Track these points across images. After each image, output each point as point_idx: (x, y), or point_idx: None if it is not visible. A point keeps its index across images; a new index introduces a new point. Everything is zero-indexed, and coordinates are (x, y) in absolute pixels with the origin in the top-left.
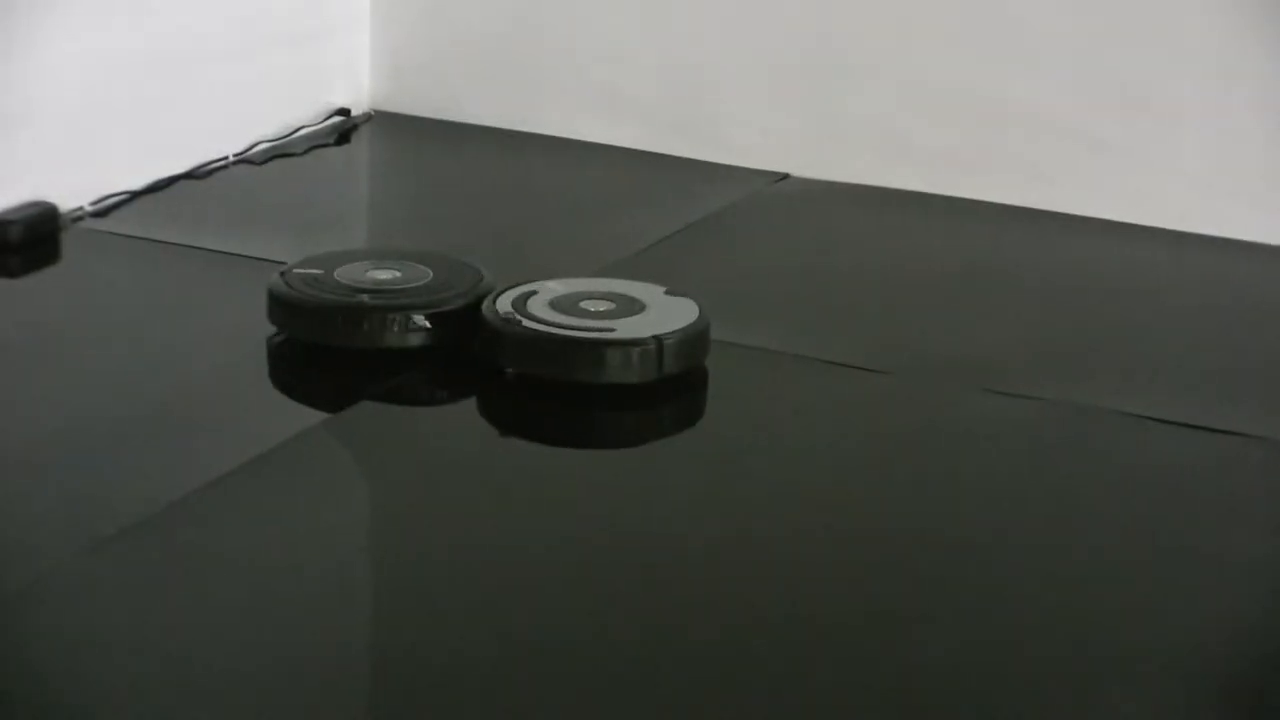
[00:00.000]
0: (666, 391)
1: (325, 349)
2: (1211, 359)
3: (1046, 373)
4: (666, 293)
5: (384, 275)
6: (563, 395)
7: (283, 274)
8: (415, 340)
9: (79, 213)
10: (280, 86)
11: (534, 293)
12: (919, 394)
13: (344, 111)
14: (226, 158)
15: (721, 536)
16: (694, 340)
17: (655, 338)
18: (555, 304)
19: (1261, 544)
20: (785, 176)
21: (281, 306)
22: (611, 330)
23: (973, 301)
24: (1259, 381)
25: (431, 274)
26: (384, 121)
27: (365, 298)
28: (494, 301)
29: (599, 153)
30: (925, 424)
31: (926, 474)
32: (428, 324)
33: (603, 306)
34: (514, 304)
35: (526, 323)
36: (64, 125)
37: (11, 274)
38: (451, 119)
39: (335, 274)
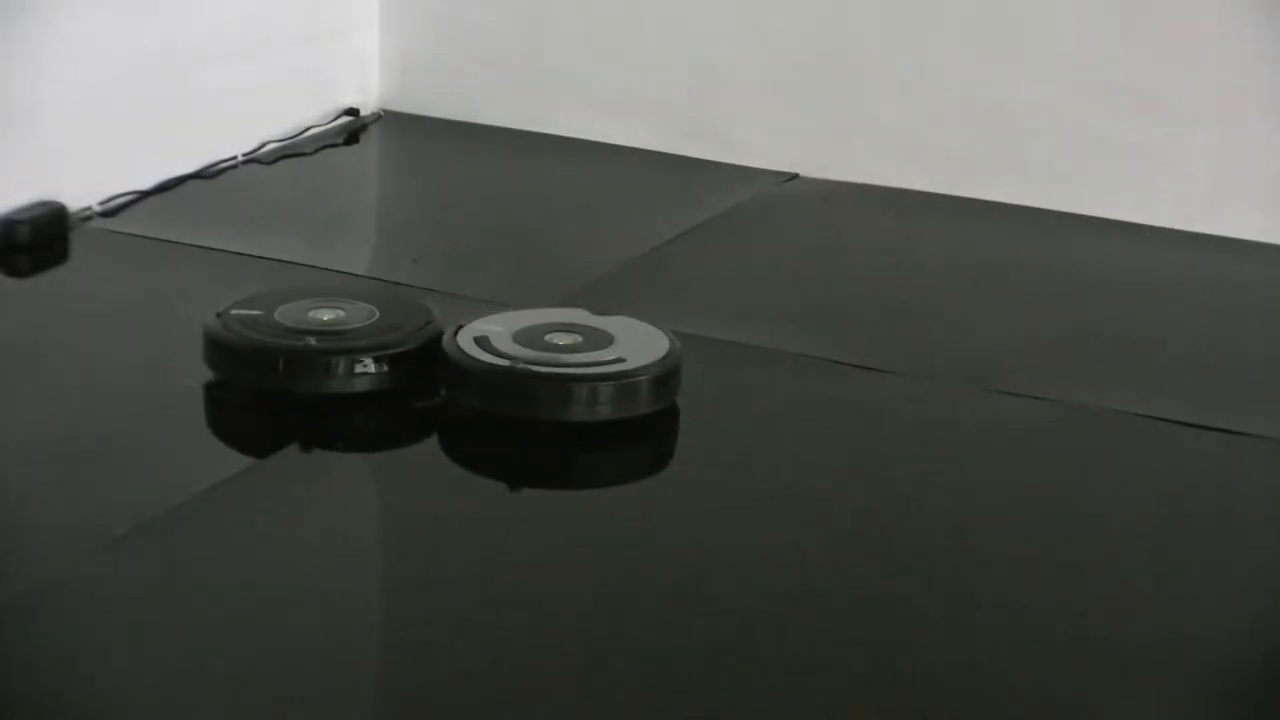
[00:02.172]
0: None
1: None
2: (1215, 359)
3: (1049, 372)
4: (610, 315)
5: (327, 315)
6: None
7: (219, 314)
8: (361, 385)
9: (88, 213)
10: (289, 87)
11: (490, 330)
12: (924, 393)
13: (353, 111)
14: (235, 158)
15: (721, 534)
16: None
17: (647, 366)
18: (519, 338)
19: (1262, 543)
20: (794, 176)
21: (216, 350)
22: (622, 360)
23: (979, 301)
24: (1262, 381)
25: (377, 314)
26: (393, 122)
27: (311, 340)
28: (454, 337)
29: (608, 153)
30: (930, 423)
31: (926, 473)
32: (370, 368)
33: (568, 339)
34: (478, 342)
35: (505, 362)
36: (73, 125)
37: (20, 274)
38: (460, 119)
39: (275, 314)
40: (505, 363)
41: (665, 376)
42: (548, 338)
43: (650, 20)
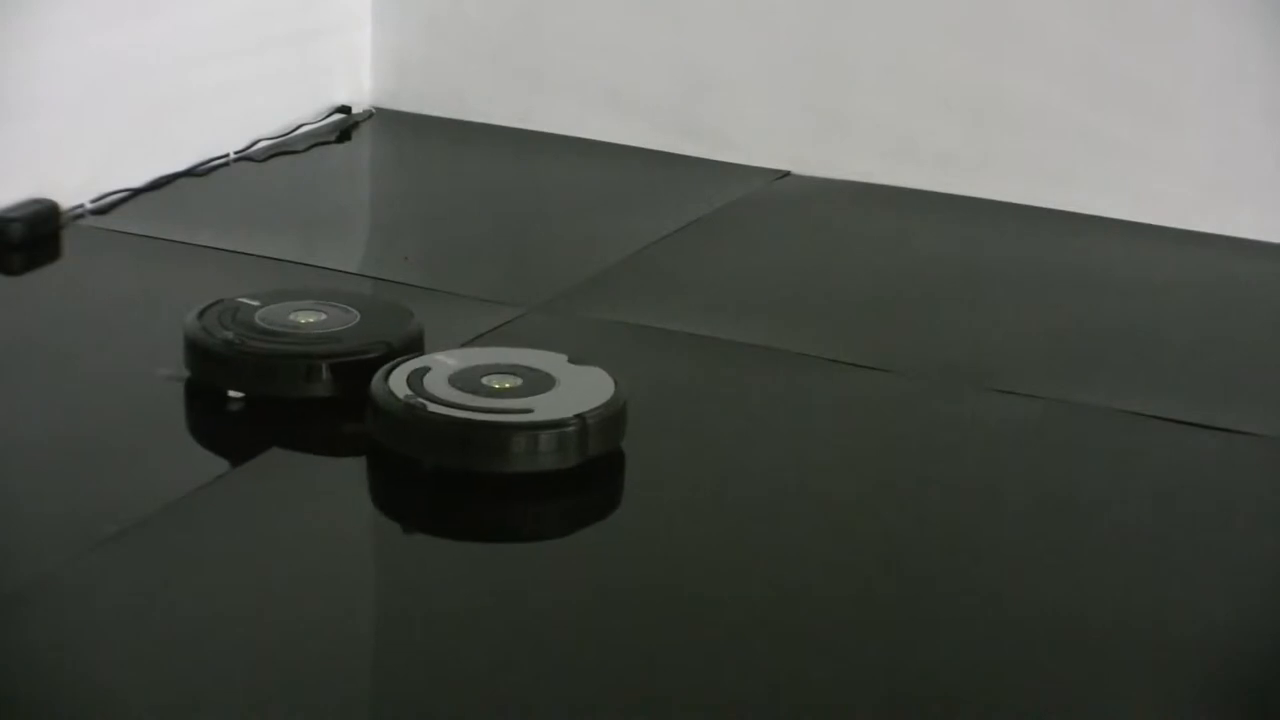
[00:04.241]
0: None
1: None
2: (1213, 358)
3: (1047, 371)
4: (570, 361)
5: (309, 318)
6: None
7: (201, 313)
8: (320, 391)
9: (80, 210)
10: (282, 84)
11: (427, 369)
12: (920, 392)
13: (345, 109)
14: (228, 155)
15: (720, 533)
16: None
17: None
18: (455, 380)
19: (1262, 543)
20: (786, 174)
21: (190, 349)
22: (530, 411)
23: (974, 300)
24: (1261, 380)
25: (358, 317)
26: (385, 119)
27: (277, 345)
28: (386, 380)
29: (601, 151)
30: (927, 422)
31: (926, 472)
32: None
33: (508, 383)
34: (410, 382)
35: (432, 407)
36: (65, 123)
37: (13, 271)
38: (452, 116)
39: (257, 316)
40: (402, 401)
41: (577, 433)
42: (485, 380)
43: (643, 18)
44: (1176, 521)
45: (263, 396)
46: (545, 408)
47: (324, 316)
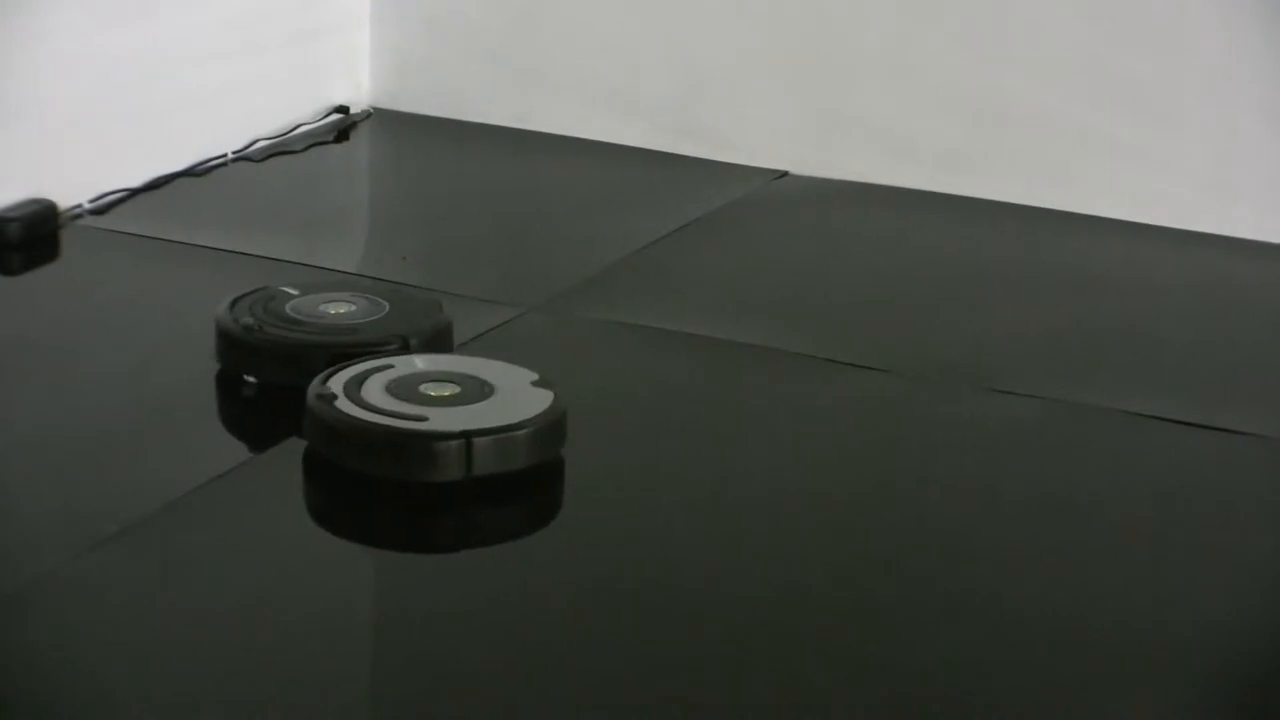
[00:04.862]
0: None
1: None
2: (1213, 358)
3: (1047, 372)
4: (533, 384)
5: (339, 309)
6: None
7: (236, 300)
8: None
9: (78, 210)
10: (280, 84)
11: (385, 367)
12: (919, 392)
13: (343, 109)
14: (226, 155)
15: (719, 533)
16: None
17: (465, 433)
18: (392, 387)
19: (1261, 543)
20: (784, 174)
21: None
22: (424, 420)
23: (974, 300)
24: (1260, 380)
25: (386, 310)
26: (383, 119)
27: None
28: (325, 381)
29: (599, 151)
30: (926, 423)
31: (926, 473)
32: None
33: (447, 391)
34: (348, 383)
35: (340, 404)
36: (63, 123)
37: (11, 271)
38: (450, 116)
39: (288, 305)
40: (329, 407)
41: (495, 444)
42: (422, 388)
43: (642, 18)
44: (1176, 521)
45: (281, 385)
46: (445, 420)
47: (354, 308)
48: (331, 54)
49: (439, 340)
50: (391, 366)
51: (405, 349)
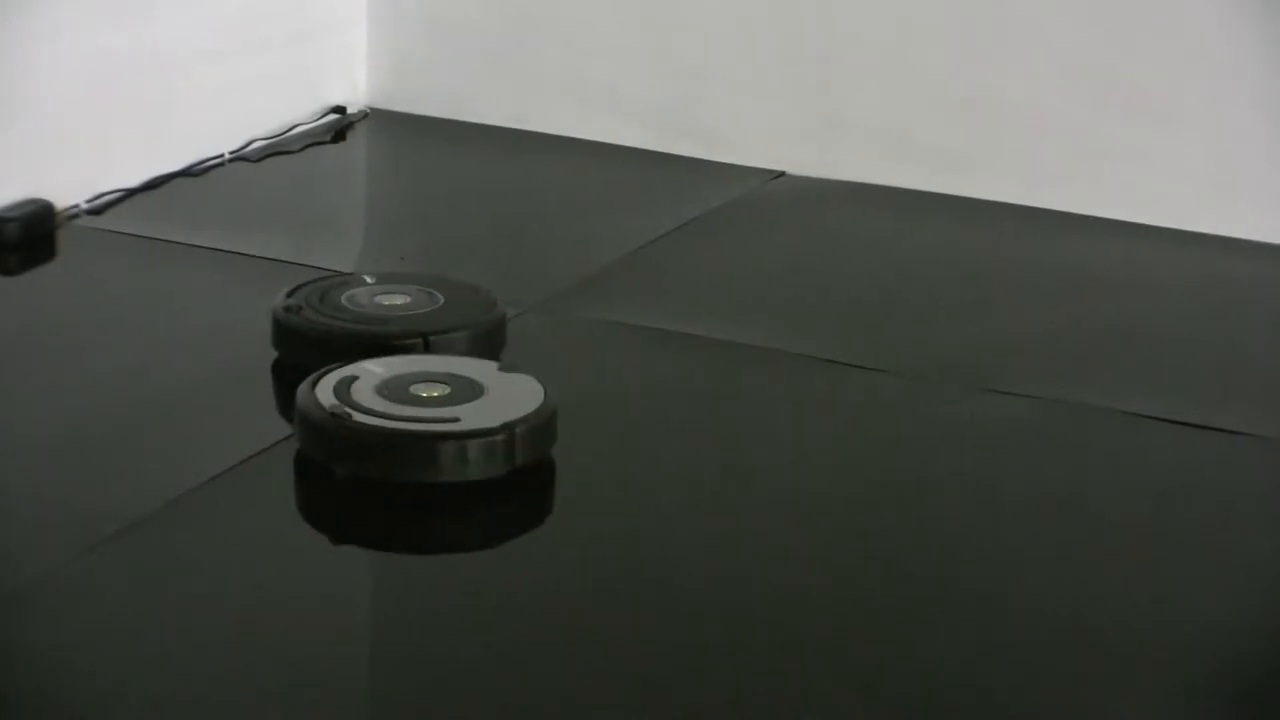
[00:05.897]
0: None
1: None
2: (1212, 358)
3: (1046, 372)
4: (500, 369)
5: (393, 300)
6: None
7: (290, 294)
8: None
9: (75, 210)
10: (276, 84)
11: (355, 377)
12: (919, 393)
13: (340, 109)
14: (223, 155)
15: (719, 533)
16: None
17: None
18: (382, 389)
19: (1261, 543)
20: (781, 174)
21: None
22: (456, 420)
23: (972, 300)
24: (1260, 380)
25: (441, 303)
26: (380, 119)
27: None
28: (313, 389)
29: (596, 151)
30: (925, 423)
31: (926, 473)
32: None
33: (437, 391)
34: (336, 392)
35: (358, 416)
36: (60, 123)
37: (8, 271)
38: (447, 117)
39: (344, 294)
40: (324, 410)
41: (496, 444)
42: (413, 389)
43: (639, 19)
44: (1176, 521)
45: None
46: (473, 416)
47: (408, 299)
48: (328, 54)
49: (493, 334)
50: (357, 378)
51: (426, 346)
